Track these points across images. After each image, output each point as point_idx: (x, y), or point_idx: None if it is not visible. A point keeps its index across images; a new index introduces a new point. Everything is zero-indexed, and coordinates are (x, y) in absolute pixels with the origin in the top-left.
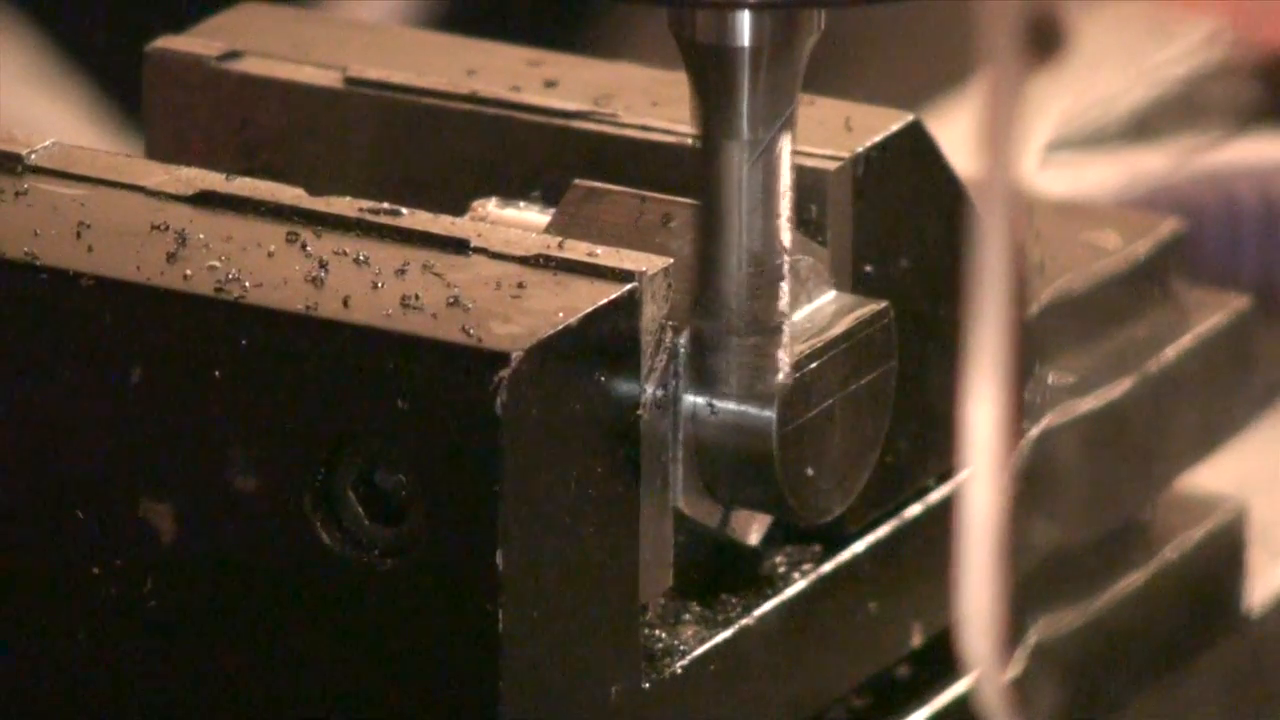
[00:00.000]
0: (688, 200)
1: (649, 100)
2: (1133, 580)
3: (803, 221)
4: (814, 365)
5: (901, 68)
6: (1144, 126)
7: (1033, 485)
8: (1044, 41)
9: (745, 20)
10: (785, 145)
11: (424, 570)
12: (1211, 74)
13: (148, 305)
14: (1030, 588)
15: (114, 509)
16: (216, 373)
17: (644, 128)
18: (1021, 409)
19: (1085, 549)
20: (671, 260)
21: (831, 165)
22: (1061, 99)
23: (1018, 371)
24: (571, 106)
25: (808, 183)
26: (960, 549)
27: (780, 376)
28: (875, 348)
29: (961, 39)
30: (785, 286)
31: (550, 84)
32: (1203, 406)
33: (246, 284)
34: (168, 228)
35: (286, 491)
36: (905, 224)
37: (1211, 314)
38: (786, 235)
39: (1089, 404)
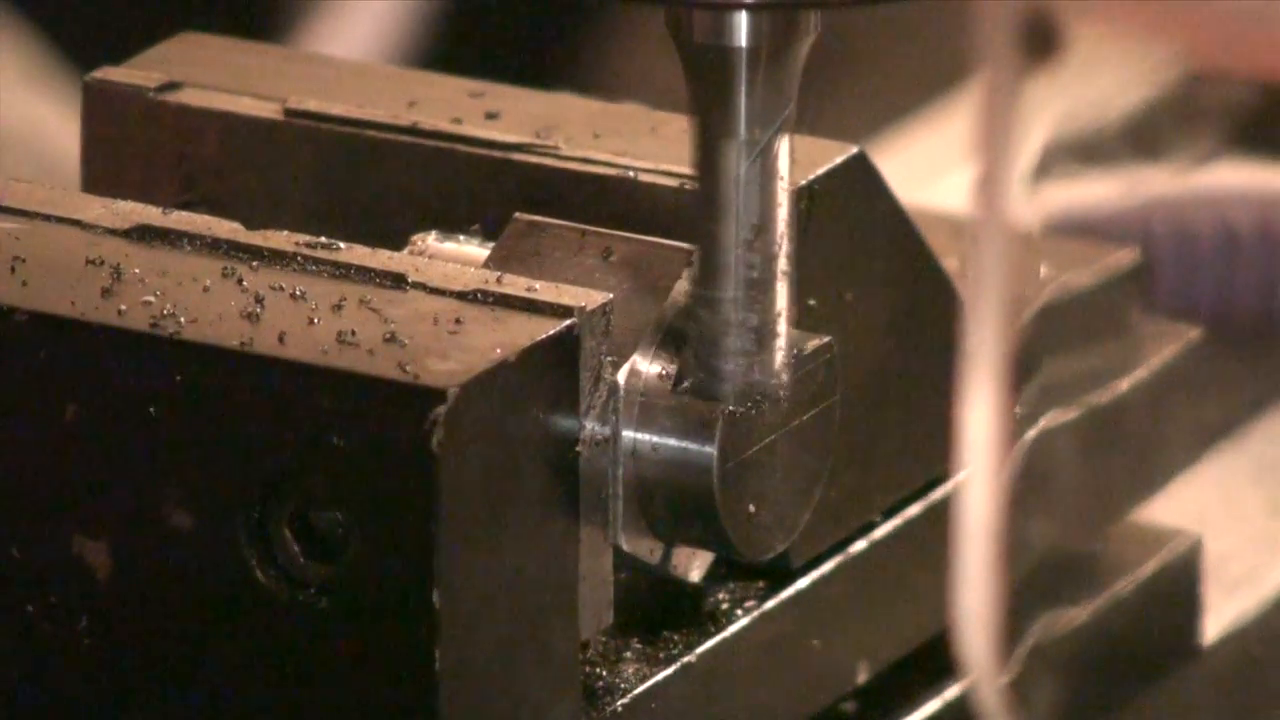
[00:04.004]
0: (629, 234)
1: (591, 132)
2: (1084, 611)
3: None
4: (756, 401)
5: (899, 69)
6: (1140, 131)
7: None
8: (1041, 43)
9: (743, 21)
10: (783, 146)
11: (360, 608)
12: (1174, 100)
13: (82, 341)
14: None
15: (48, 546)
16: (151, 409)
17: (586, 160)
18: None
19: (1035, 577)
20: (611, 295)
21: None
22: (1058, 101)
23: (1011, 379)
24: (513, 139)
25: None
26: (955, 552)
27: (784, 378)
28: (818, 383)
29: (959, 41)
30: (783, 287)
31: (491, 116)
32: (1156, 438)
33: (182, 319)
34: (103, 262)
35: (222, 528)
36: (849, 257)
37: (1166, 345)
38: (785, 236)
39: (1034, 433)
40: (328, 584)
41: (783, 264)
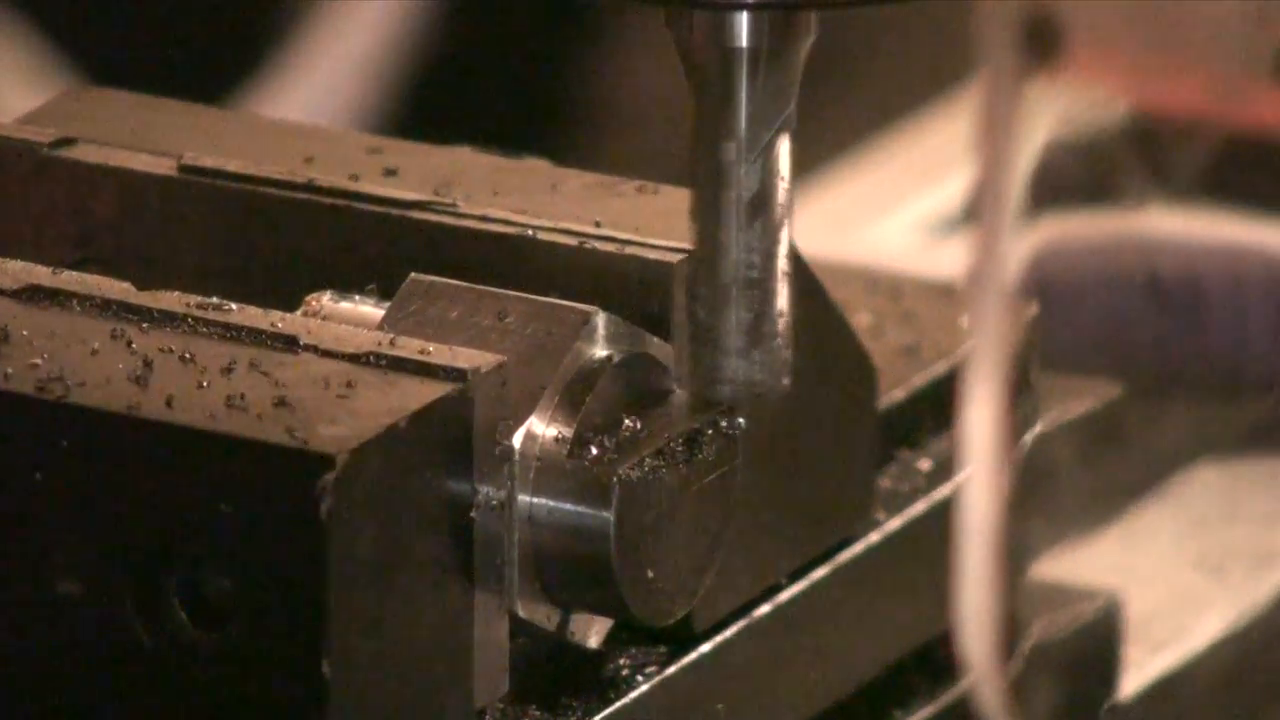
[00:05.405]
0: (526, 295)
1: (490, 189)
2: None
3: (644, 315)
4: (654, 466)
5: (899, 70)
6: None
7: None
8: (1041, 44)
9: (743, 21)
10: (783, 147)
11: (248, 677)
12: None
13: None
14: None
15: None
16: (38, 474)
17: (484, 218)
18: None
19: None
20: (505, 358)
21: (675, 258)
22: (1058, 102)
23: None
24: (410, 196)
25: (650, 276)
26: (957, 554)
27: (785, 381)
28: (718, 447)
29: (959, 41)
30: (783, 289)
31: (390, 173)
32: (1070, 495)
33: (69, 383)
34: None
35: (109, 595)
36: None
37: (1081, 401)
38: (784, 238)
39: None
40: (215, 652)
41: (782, 264)
